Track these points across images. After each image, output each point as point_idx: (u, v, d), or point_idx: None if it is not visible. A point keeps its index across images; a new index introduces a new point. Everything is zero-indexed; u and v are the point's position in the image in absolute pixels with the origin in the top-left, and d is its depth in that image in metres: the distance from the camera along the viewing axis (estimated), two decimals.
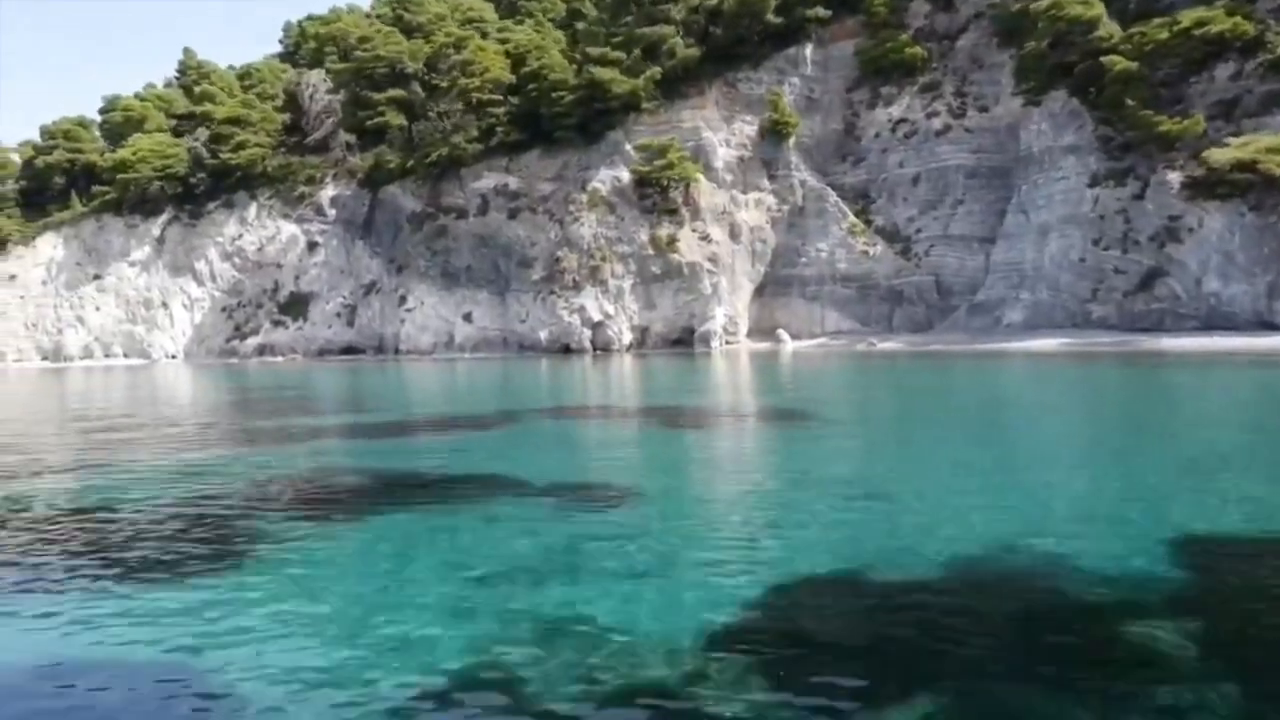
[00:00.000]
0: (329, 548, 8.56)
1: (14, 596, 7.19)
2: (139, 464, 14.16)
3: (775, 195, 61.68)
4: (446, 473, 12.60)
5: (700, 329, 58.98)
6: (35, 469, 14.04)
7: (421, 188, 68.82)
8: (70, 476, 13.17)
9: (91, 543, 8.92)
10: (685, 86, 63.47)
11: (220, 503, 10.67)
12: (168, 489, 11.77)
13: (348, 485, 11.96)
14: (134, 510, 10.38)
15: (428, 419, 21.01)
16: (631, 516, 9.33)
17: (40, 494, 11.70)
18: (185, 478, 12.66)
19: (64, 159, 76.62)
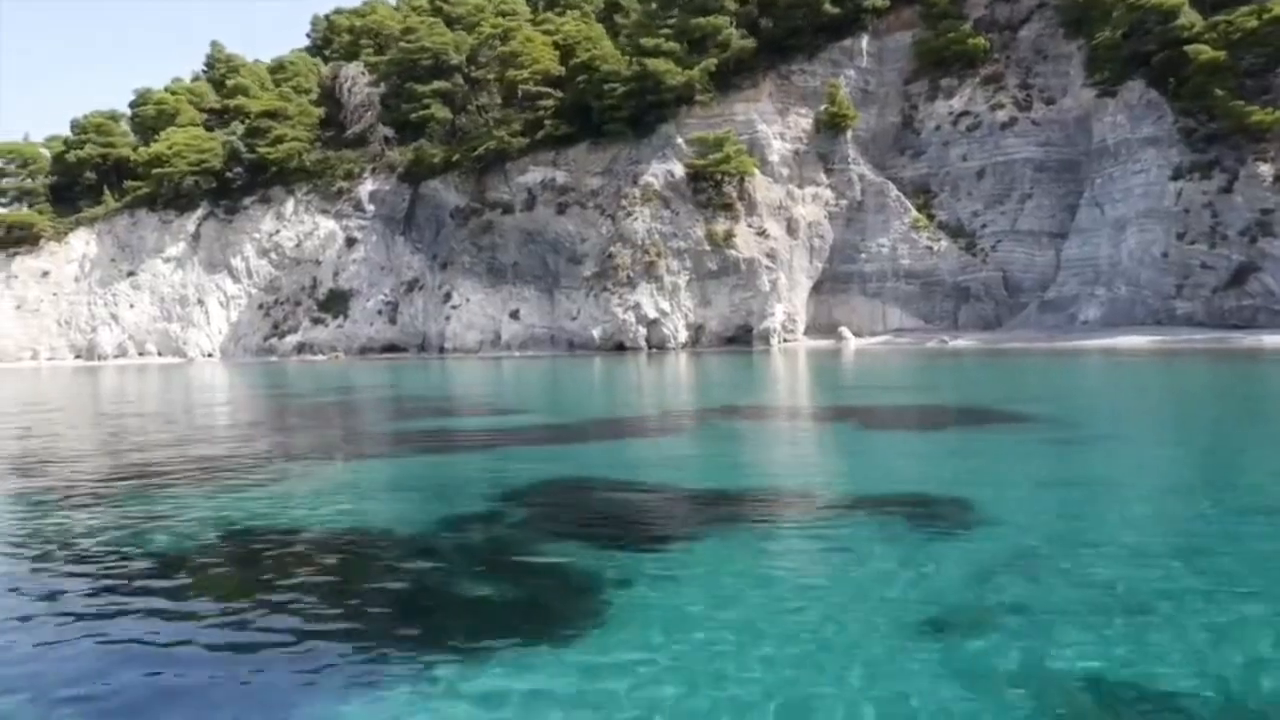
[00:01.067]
0: (675, 581, 7.00)
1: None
2: (368, 482, 12.74)
3: (833, 190, 60.28)
4: (713, 485, 11.15)
5: (758, 327, 57.53)
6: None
7: (465, 182, 67.38)
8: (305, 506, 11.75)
9: (395, 601, 7.51)
10: (738, 79, 62.07)
11: (508, 535, 9.24)
12: (414, 512, 10.34)
13: (618, 502, 10.52)
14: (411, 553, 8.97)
15: (596, 421, 19.43)
16: (1009, 538, 7.89)
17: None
18: (425, 501, 11.23)
19: (96, 153, 75.10)
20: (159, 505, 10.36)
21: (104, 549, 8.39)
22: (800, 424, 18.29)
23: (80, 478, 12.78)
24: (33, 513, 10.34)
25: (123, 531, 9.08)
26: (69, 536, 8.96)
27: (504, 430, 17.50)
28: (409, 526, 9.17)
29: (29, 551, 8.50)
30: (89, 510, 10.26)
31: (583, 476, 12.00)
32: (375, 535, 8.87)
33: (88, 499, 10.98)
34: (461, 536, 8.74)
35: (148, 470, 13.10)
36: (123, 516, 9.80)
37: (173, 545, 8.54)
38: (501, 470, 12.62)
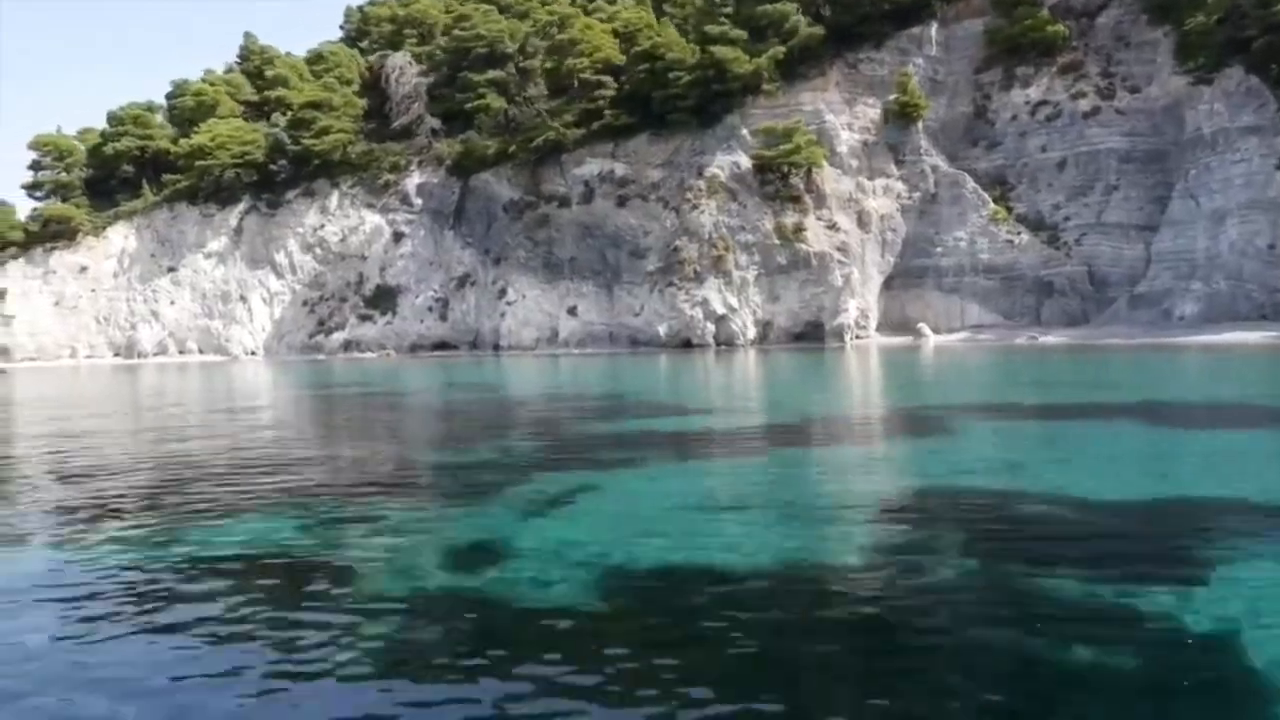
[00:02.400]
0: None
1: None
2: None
3: (904, 182, 58.44)
4: (1143, 495, 9.28)
5: (830, 323, 55.67)
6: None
7: (519, 175, 65.46)
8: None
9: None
10: (804, 67, 60.20)
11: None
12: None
13: (1055, 518, 8.64)
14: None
15: (829, 420, 17.50)
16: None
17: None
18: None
19: (134, 145, 73.12)
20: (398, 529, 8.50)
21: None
22: (1083, 422, 16.40)
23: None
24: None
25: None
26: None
27: (741, 433, 15.63)
28: (859, 560, 7.30)
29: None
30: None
31: (951, 486, 10.13)
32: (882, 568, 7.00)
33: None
34: (947, 575, 6.87)
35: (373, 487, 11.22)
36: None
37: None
38: (841, 479, 10.75)
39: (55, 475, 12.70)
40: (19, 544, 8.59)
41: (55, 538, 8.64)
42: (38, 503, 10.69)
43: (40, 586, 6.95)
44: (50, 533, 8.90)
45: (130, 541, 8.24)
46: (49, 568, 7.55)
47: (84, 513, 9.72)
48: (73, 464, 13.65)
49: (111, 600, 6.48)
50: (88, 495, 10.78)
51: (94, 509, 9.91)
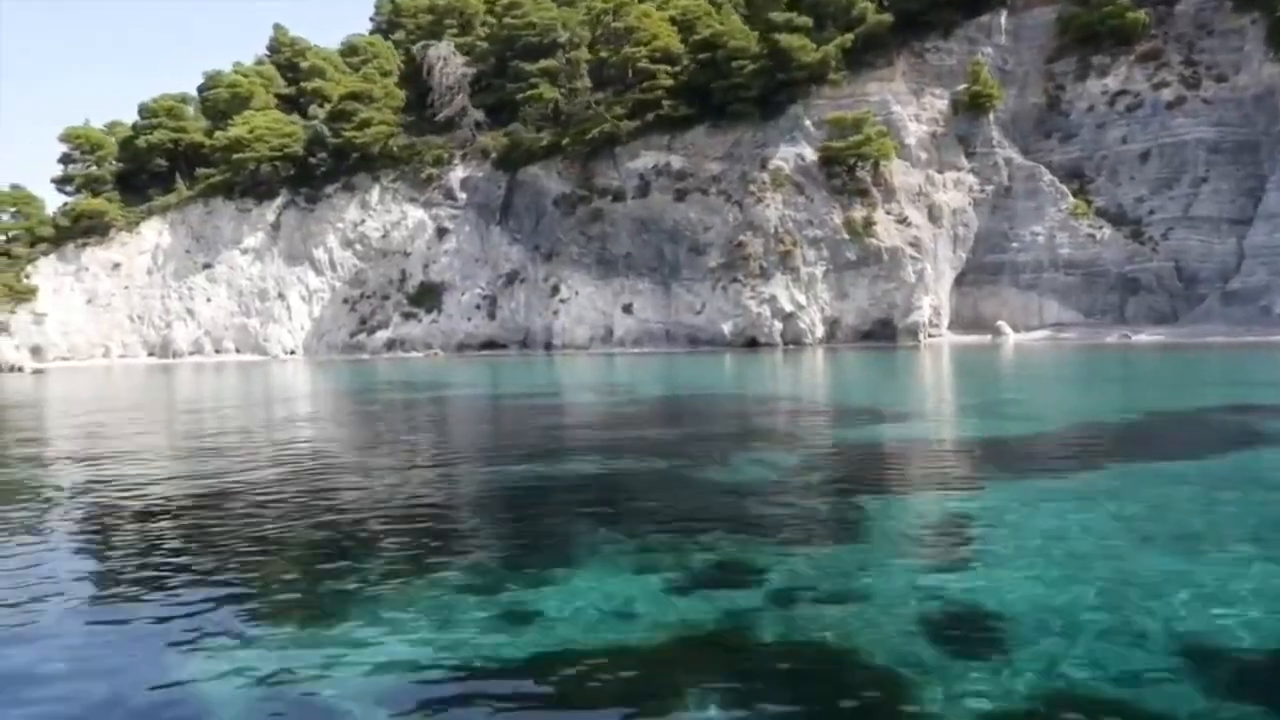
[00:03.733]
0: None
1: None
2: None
3: (975, 174, 56.37)
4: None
5: (903, 321, 53.58)
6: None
7: (569, 168, 63.33)
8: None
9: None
10: (869, 56, 58.13)
11: None
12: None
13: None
14: None
15: (1097, 427, 15.44)
16: None
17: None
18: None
19: (167, 138, 70.92)
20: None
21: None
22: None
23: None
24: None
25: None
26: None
27: (1026, 441, 13.48)
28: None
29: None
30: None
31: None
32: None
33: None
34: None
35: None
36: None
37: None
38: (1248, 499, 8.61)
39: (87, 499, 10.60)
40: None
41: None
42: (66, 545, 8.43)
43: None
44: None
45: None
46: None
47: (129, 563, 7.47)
48: (110, 483, 11.52)
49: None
50: (127, 534, 8.55)
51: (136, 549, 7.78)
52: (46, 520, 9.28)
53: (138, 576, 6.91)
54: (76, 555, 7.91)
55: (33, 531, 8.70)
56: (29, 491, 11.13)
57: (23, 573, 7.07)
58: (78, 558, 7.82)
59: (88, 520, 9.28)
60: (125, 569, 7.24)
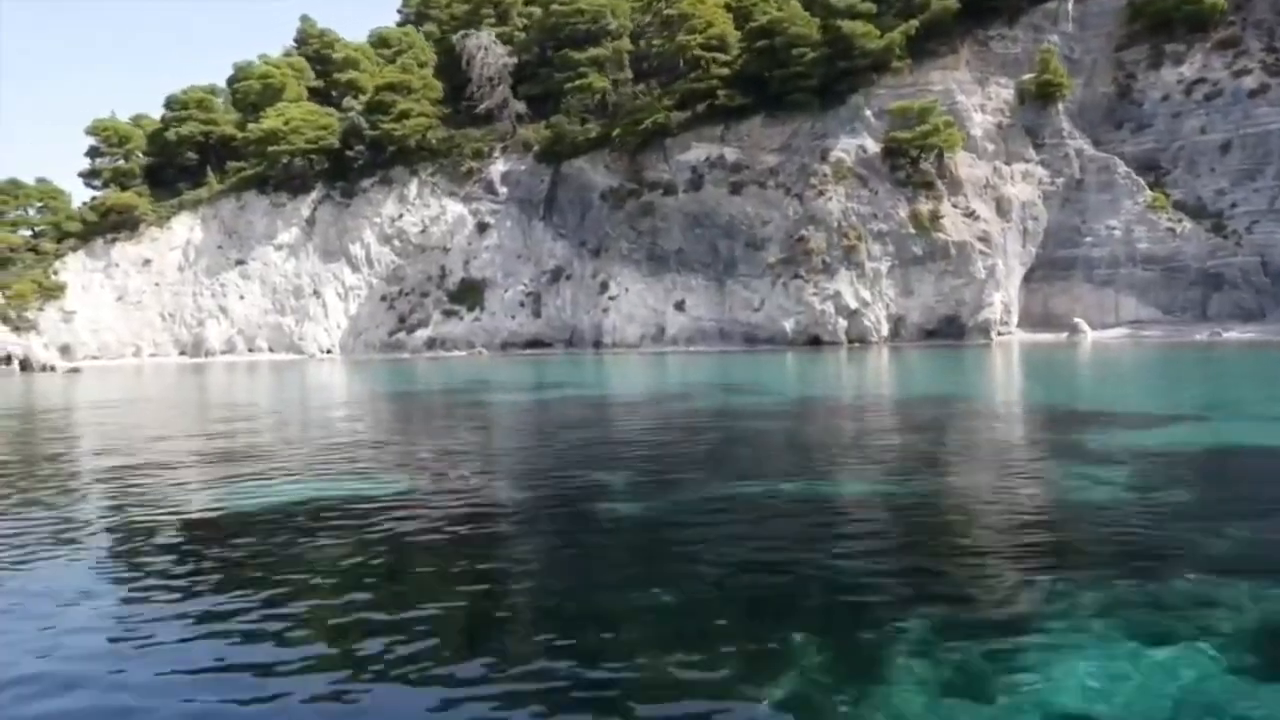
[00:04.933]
0: None
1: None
2: None
3: (1044, 166, 54.33)
4: None
5: (973, 318, 51.57)
6: None
7: (617, 161, 61.28)
8: None
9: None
10: (932, 44, 56.11)
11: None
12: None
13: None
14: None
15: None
16: None
17: None
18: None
19: (197, 131, 68.84)
20: None
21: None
22: None
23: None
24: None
25: None
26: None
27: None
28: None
29: None
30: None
31: None
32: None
33: None
34: None
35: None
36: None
37: None
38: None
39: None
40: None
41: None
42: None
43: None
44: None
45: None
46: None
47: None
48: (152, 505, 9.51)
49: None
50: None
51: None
52: (131, 543, 7.27)
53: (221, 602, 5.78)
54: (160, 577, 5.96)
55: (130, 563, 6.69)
56: (105, 509, 9.11)
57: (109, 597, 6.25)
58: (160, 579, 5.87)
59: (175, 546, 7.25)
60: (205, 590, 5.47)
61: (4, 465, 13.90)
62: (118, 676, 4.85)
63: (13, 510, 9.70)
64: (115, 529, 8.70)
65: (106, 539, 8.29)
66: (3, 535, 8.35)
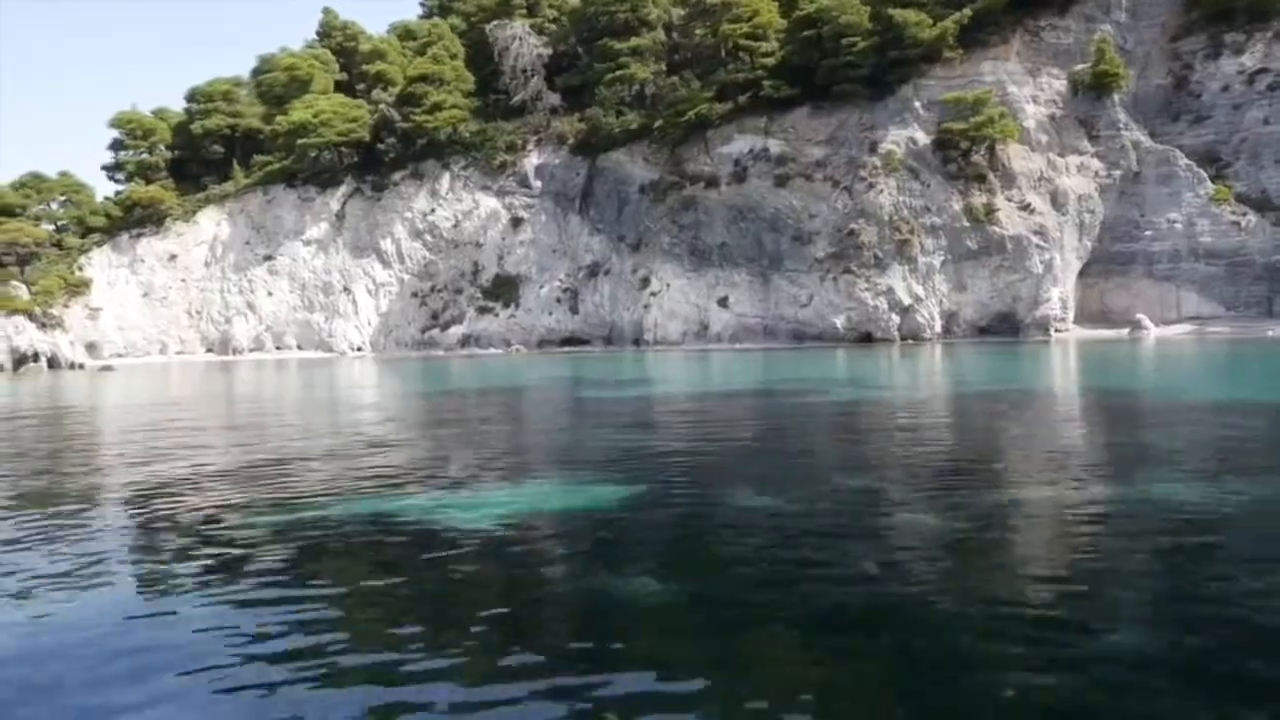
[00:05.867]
0: None
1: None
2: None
3: (1100, 159, 52.97)
4: None
5: (1031, 314, 50.26)
6: None
7: (656, 153, 59.91)
8: None
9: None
10: (983, 34, 54.72)
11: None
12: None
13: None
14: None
15: None
16: None
17: None
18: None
19: (223, 123, 67.39)
20: None
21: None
22: None
23: None
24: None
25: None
26: None
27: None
28: None
29: None
30: None
31: None
32: None
33: None
34: None
35: None
36: None
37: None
38: None
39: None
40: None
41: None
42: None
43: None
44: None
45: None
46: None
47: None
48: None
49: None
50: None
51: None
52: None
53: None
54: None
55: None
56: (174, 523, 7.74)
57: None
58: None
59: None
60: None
61: (90, 469, 12.52)
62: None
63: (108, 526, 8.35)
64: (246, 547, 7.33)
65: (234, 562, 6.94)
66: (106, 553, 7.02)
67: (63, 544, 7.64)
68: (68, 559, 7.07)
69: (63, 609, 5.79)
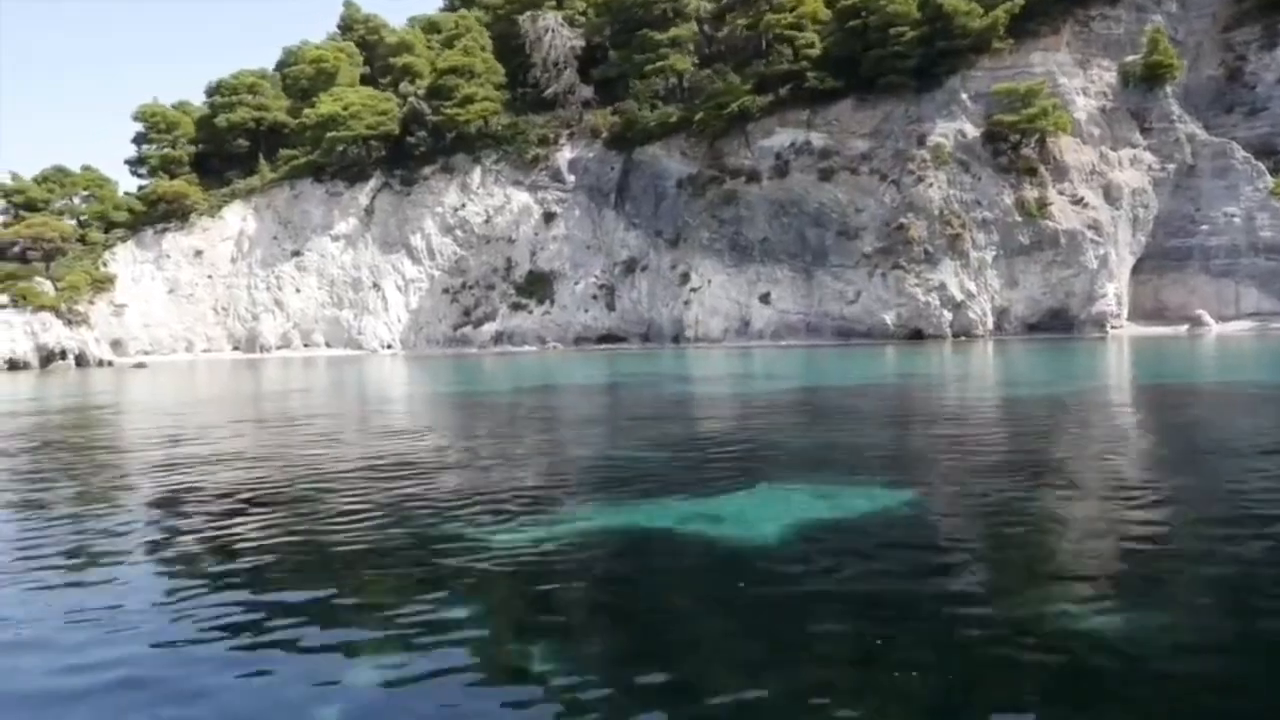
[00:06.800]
0: None
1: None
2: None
3: (1153, 152, 51.86)
4: None
5: (1086, 310, 49.15)
6: None
7: (694, 147, 58.71)
8: None
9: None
10: (1033, 24, 53.59)
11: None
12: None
13: None
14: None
15: None
16: None
17: None
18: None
19: (249, 117, 66.01)
20: None
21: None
22: None
23: None
24: None
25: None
26: None
27: None
28: None
29: None
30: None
31: None
32: None
33: None
34: None
35: None
36: None
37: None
38: None
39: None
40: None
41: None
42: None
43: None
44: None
45: None
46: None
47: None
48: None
49: None
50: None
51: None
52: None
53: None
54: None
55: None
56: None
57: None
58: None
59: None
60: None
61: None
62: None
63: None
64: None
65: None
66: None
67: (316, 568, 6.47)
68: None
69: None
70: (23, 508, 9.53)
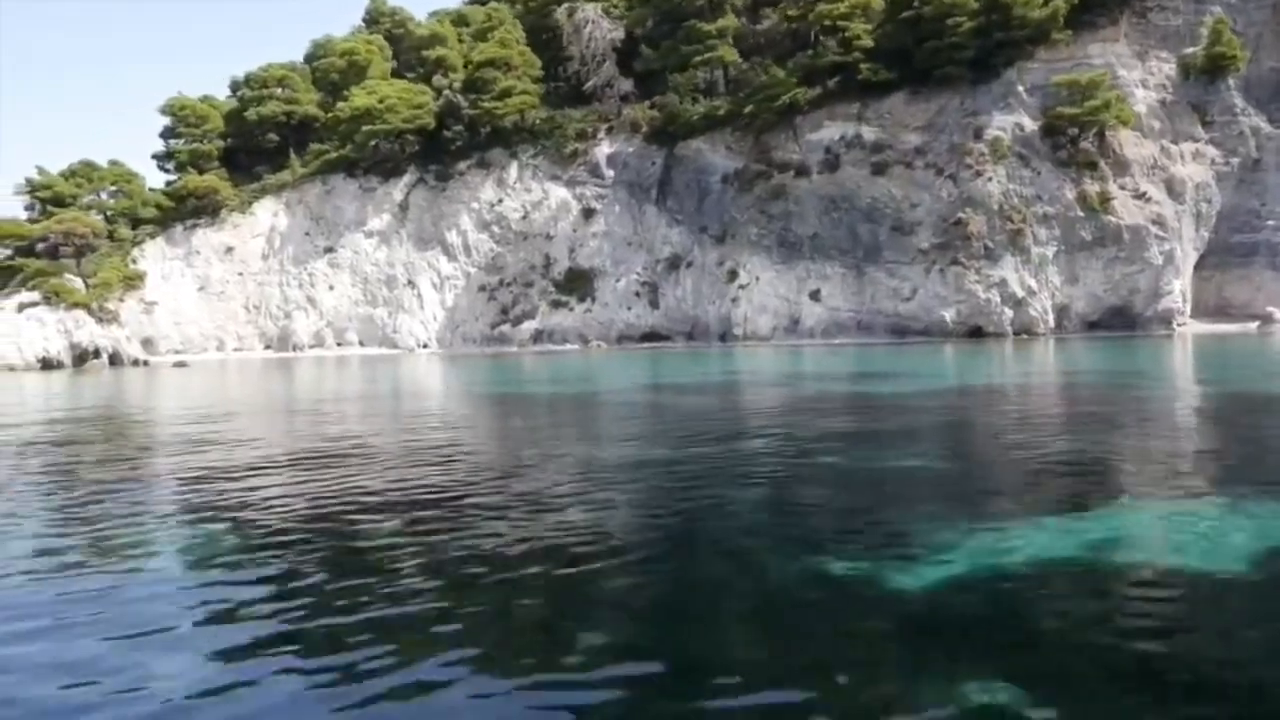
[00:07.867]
0: None
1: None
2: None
3: (1216, 145, 50.74)
4: None
5: (1150, 307, 47.96)
6: None
7: (740, 141, 57.44)
8: None
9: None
10: (1090, 15, 52.42)
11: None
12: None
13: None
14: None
15: None
16: None
17: None
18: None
19: (280, 110, 64.53)
20: None
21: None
22: None
23: None
24: None
25: None
26: None
27: None
28: None
29: None
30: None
31: None
32: None
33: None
34: None
35: None
36: None
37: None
38: None
39: None
40: None
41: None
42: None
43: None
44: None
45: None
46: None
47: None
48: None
49: None
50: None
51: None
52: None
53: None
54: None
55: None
56: None
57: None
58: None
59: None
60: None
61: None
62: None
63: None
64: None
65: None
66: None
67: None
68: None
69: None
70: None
